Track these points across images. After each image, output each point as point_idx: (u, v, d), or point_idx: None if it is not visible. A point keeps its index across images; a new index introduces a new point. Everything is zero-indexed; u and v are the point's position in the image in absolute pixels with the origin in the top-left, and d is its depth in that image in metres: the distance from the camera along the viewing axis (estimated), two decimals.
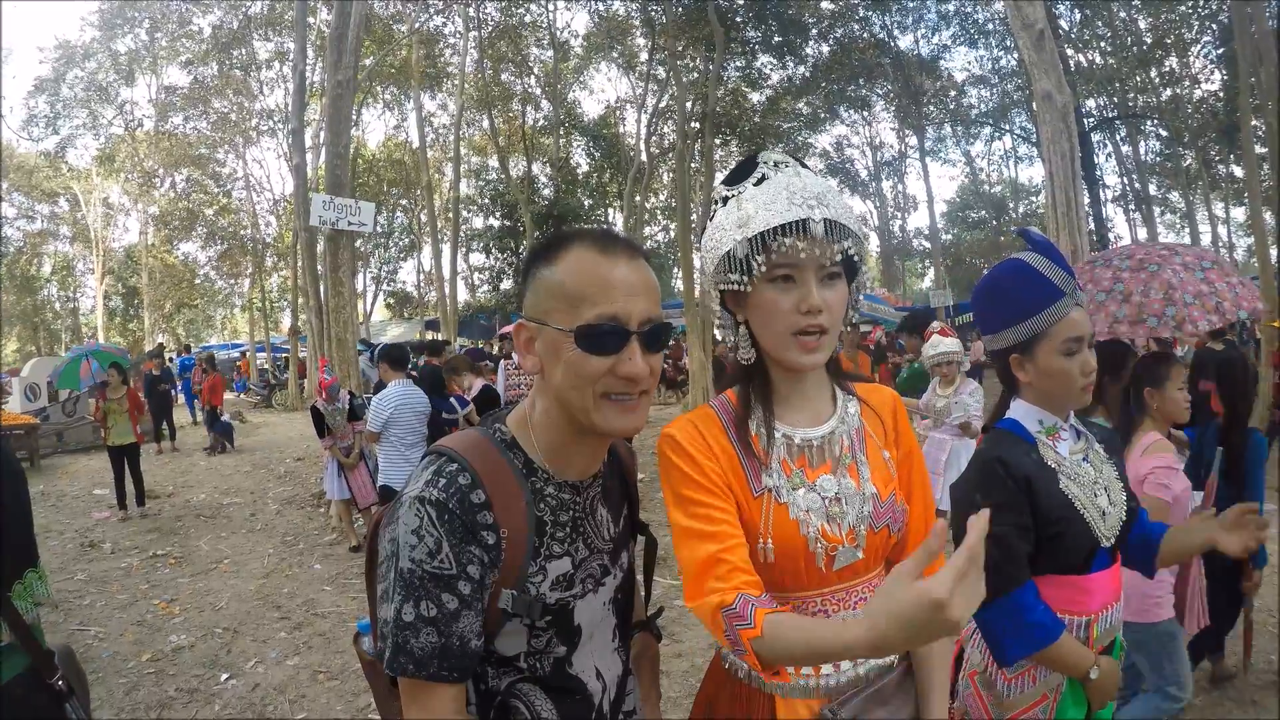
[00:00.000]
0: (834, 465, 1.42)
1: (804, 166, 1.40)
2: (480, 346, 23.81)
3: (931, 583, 0.92)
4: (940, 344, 5.95)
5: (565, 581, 1.26)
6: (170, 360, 22.14)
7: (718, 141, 24.58)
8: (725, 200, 1.40)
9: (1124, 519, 1.88)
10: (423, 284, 36.92)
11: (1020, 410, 1.94)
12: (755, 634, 1.19)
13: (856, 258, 1.37)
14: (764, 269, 1.31)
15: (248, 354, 33.87)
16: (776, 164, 1.39)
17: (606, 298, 1.18)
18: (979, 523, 0.96)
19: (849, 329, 1.51)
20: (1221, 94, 22.99)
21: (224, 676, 4.92)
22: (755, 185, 1.36)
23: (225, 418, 15.44)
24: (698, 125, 21.71)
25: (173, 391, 16.97)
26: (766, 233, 1.29)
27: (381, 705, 1.37)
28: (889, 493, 1.43)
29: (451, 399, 7.49)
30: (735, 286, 1.35)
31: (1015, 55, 23.22)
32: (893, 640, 0.99)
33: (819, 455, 1.42)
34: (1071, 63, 23.12)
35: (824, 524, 1.36)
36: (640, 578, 1.58)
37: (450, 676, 1.13)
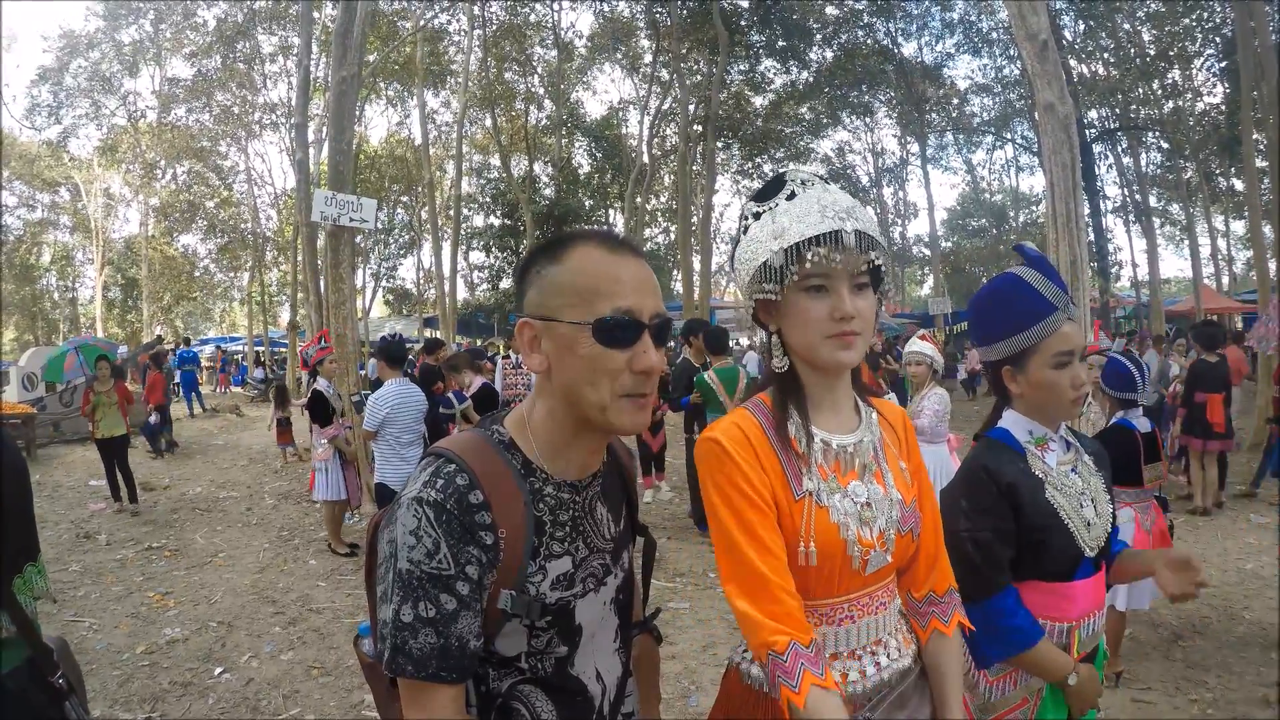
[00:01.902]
0: (861, 472, 1.46)
1: (829, 184, 1.43)
2: (480, 345, 23.80)
3: None
4: (912, 344, 6.01)
5: (566, 581, 1.27)
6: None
7: (719, 145, 24.63)
8: (758, 215, 1.43)
9: (1109, 530, 1.93)
10: (422, 281, 36.82)
11: (1011, 420, 1.99)
12: (797, 700, 1.25)
13: (883, 268, 1.41)
14: (798, 278, 1.34)
15: (221, 347, 33.74)
16: (804, 181, 1.42)
17: (620, 292, 1.20)
18: None
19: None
20: (1223, 107, 23.05)
21: (218, 670, 4.93)
22: (788, 200, 1.40)
23: (153, 419, 13.95)
24: (700, 128, 21.76)
25: (171, 384, 16.82)
26: (801, 243, 1.33)
27: (382, 707, 1.38)
28: (910, 499, 1.49)
29: (450, 394, 7.48)
30: (770, 296, 1.38)
31: (1018, 65, 23.25)
32: None
33: (849, 461, 1.46)
34: (1074, 73, 23.15)
35: (859, 529, 1.40)
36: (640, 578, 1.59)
37: (449, 677, 1.13)
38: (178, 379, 20.52)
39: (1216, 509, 7.92)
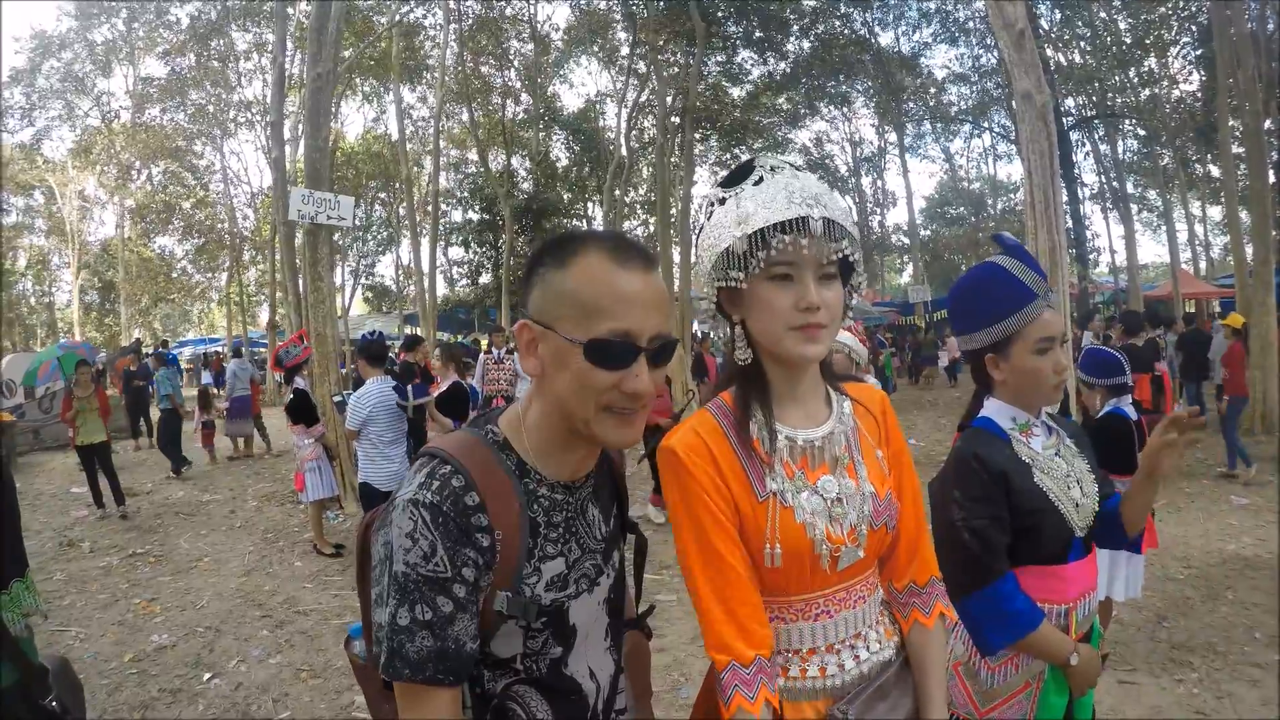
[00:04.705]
0: (832, 465, 1.42)
1: (799, 169, 1.39)
2: (464, 341, 23.69)
3: None
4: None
5: (559, 582, 1.26)
6: (147, 356, 21.87)
7: (698, 136, 24.60)
8: (723, 201, 1.38)
9: (1096, 509, 1.95)
10: (401, 278, 36.69)
11: (994, 408, 2.01)
12: (726, 716, 1.28)
13: (852, 259, 1.36)
14: (763, 265, 1.30)
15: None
16: (773, 168, 1.37)
17: (620, 313, 1.16)
18: None
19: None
20: (1199, 94, 23.24)
21: (207, 676, 4.90)
22: (754, 185, 1.35)
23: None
24: (678, 120, 21.72)
25: (149, 387, 16.69)
26: (766, 229, 1.28)
27: (374, 709, 1.37)
28: (885, 491, 1.45)
29: (409, 387, 7.17)
30: (733, 284, 1.34)
31: (995, 54, 23.39)
32: None
33: (819, 456, 1.42)
34: (1051, 62, 23.28)
35: (827, 525, 1.36)
36: (631, 577, 1.58)
37: (447, 680, 1.13)
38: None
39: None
